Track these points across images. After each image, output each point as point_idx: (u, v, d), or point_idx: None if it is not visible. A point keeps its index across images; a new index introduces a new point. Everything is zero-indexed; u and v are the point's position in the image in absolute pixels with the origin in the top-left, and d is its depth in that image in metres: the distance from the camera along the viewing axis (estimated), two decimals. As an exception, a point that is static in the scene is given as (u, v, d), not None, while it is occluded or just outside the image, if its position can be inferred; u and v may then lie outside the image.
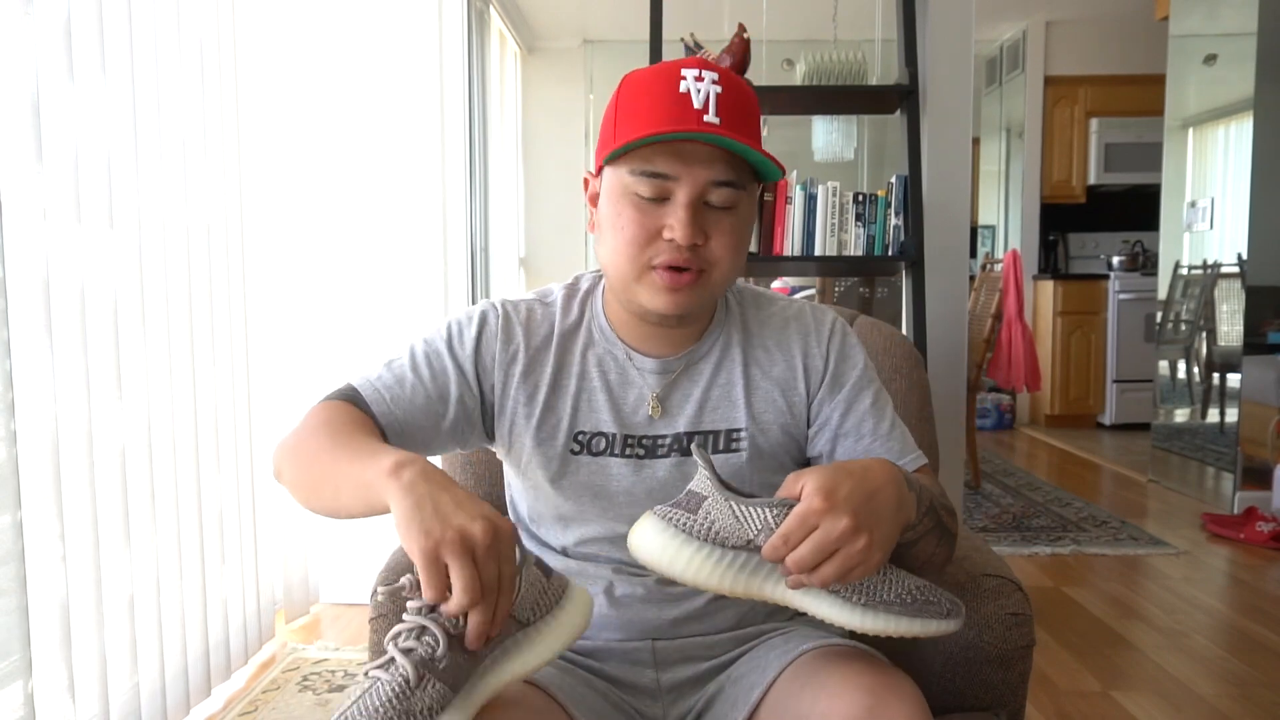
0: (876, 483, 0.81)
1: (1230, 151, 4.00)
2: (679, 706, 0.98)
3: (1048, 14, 5.71)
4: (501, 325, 1.01)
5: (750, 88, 0.95)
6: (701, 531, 0.81)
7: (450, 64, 2.73)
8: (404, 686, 0.71)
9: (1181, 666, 2.28)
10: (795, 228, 2.48)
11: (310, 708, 2.03)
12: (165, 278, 1.91)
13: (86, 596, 1.63)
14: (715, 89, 0.89)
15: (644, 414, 1.00)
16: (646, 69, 0.95)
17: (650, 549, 0.83)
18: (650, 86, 0.91)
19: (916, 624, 0.82)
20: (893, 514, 0.81)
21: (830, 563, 0.78)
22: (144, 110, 1.83)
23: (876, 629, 0.82)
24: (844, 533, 0.77)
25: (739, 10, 4.41)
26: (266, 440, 2.39)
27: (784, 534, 0.78)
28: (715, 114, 0.89)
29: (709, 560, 0.81)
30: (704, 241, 0.92)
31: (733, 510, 0.81)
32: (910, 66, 2.50)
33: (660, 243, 0.92)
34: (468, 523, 0.72)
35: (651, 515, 0.84)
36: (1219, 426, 4.05)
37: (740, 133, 0.89)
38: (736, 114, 0.90)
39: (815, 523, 0.78)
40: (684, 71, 0.90)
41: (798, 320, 1.06)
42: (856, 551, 0.77)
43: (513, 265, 5.24)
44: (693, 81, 0.89)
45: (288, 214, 2.51)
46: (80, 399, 1.62)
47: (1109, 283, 5.55)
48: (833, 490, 0.78)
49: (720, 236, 0.92)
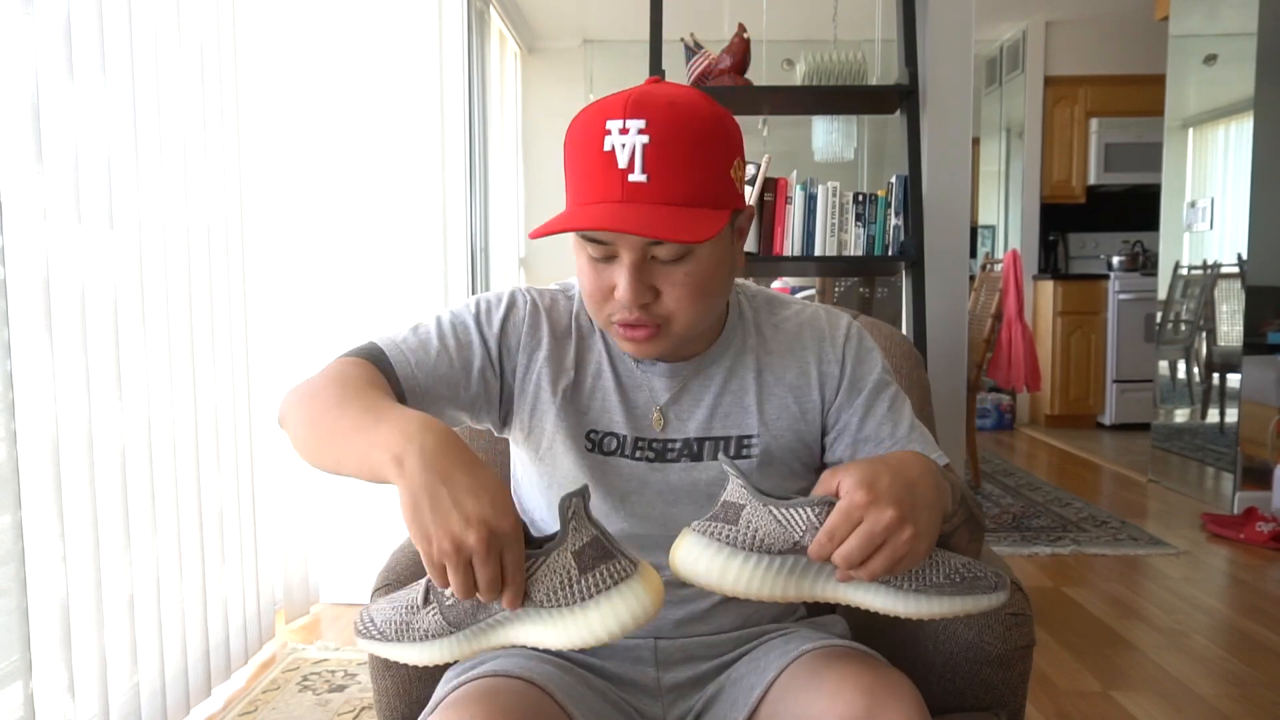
0: (914, 473, 0.81)
1: (1230, 151, 4.01)
2: (679, 706, 0.98)
3: (1048, 14, 5.72)
4: (529, 311, 1.01)
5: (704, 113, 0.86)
6: (746, 541, 0.80)
7: (450, 64, 2.74)
8: (412, 604, 0.82)
9: (1181, 666, 2.28)
10: (795, 228, 2.48)
11: (310, 708, 2.03)
12: (165, 278, 1.91)
13: (86, 596, 1.63)
14: (641, 140, 0.83)
15: (648, 422, 0.99)
16: (582, 114, 0.89)
17: (697, 567, 0.81)
18: (579, 141, 0.87)
19: (969, 601, 0.81)
20: (933, 503, 0.80)
21: (879, 555, 0.77)
22: (144, 110, 1.83)
23: (933, 613, 0.81)
24: (890, 524, 0.76)
25: (739, 10, 4.41)
26: (266, 440, 2.39)
27: (829, 530, 0.77)
28: (642, 170, 0.83)
29: (759, 569, 0.80)
30: (654, 298, 0.89)
31: (774, 515, 0.79)
32: (910, 66, 2.50)
33: (614, 300, 0.89)
34: (461, 532, 0.71)
35: (691, 533, 0.82)
36: (1219, 426, 4.05)
37: (671, 187, 0.83)
38: (670, 164, 0.84)
39: (860, 516, 0.76)
40: (609, 124, 0.84)
41: (812, 325, 1.04)
42: (903, 542, 0.76)
43: (513, 265, 5.25)
44: (617, 135, 0.84)
45: (288, 214, 2.51)
46: (80, 399, 1.62)
47: (1109, 283, 5.55)
48: (873, 482, 0.77)
49: (672, 289, 0.88)
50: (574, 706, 0.88)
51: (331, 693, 2.10)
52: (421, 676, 1.06)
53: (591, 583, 0.77)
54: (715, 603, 1.00)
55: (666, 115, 0.84)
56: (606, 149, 0.84)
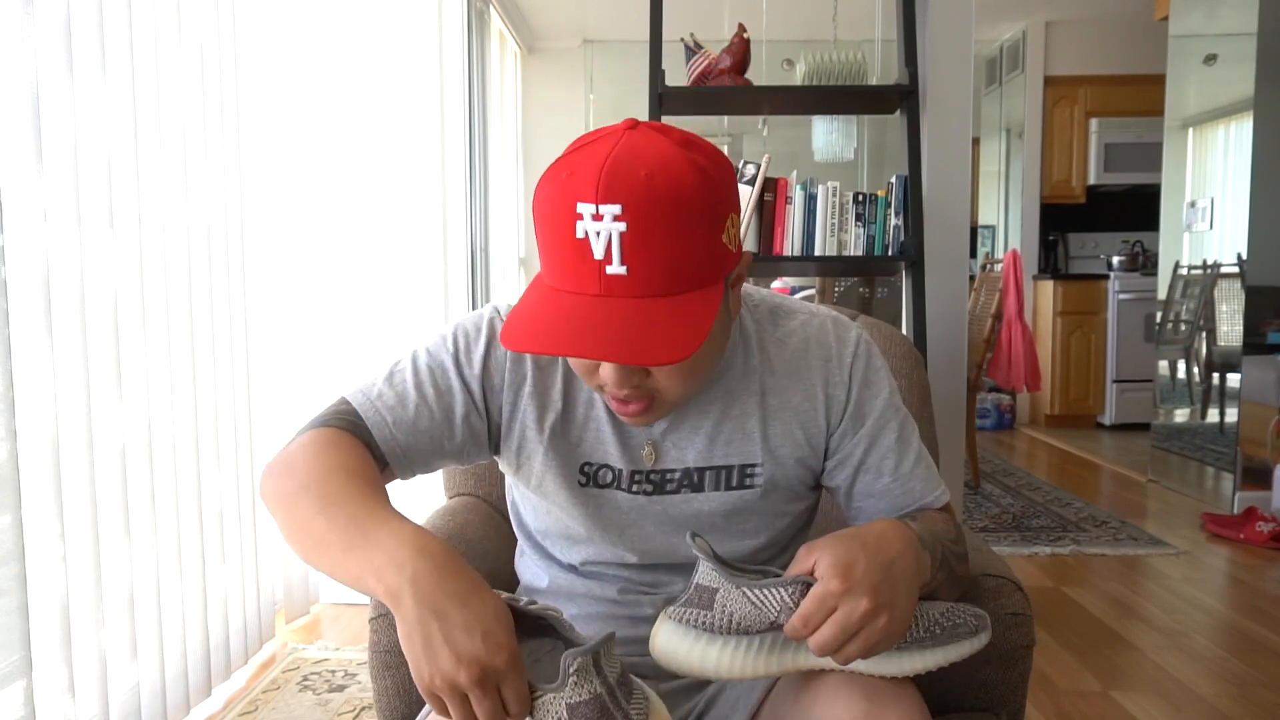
0: (892, 552, 0.80)
1: (1230, 151, 4.01)
2: (677, 710, 0.98)
3: (1048, 14, 5.72)
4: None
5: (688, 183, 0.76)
6: (722, 626, 0.80)
7: (450, 64, 2.74)
8: None
9: (1181, 666, 2.28)
10: (795, 228, 2.48)
11: (310, 708, 2.03)
12: (165, 278, 1.91)
13: (87, 596, 1.63)
14: (617, 228, 0.74)
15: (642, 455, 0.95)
16: (546, 185, 0.79)
17: (676, 656, 0.81)
18: (549, 219, 0.78)
19: (951, 651, 0.83)
20: (910, 581, 0.80)
21: (854, 642, 0.77)
22: (144, 110, 1.84)
23: (916, 669, 0.82)
24: (865, 614, 0.76)
25: (739, 10, 4.41)
26: (266, 440, 2.39)
27: (804, 616, 0.77)
28: (620, 261, 0.75)
29: (738, 651, 0.80)
30: (644, 377, 0.84)
31: (748, 597, 0.80)
32: (910, 66, 2.50)
33: (599, 376, 0.85)
34: (453, 671, 0.70)
35: (667, 621, 0.82)
36: (1219, 426, 4.05)
37: (656, 277, 0.76)
38: (652, 252, 0.76)
39: (834, 604, 0.76)
40: (579, 206, 0.75)
41: (819, 342, 0.96)
42: (879, 629, 0.77)
43: (513, 265, 5.24)
44: (590, 221, 0.75)
45: (288, 214, 2.51)
46: (80, 398, 1.62)
47: (1109, 283, 5.55)
48: (849, 568, 0.77)
49: (662, 371, 0.83)
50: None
51: (331, 693, 2.10)
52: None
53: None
54: None
55: (644, 194, 0.75)
56: (579, 235, 0.76)
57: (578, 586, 1.01)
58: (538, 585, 1.06)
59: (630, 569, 0.99)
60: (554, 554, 1.03)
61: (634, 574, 1.00)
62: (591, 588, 1.00)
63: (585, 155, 0.77)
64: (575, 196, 0.76)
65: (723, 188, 0.80)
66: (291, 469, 0.85)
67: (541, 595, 1.05)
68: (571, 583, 1.02)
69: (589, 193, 0.75)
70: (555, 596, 1.03)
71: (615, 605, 1.00)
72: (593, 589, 1.00)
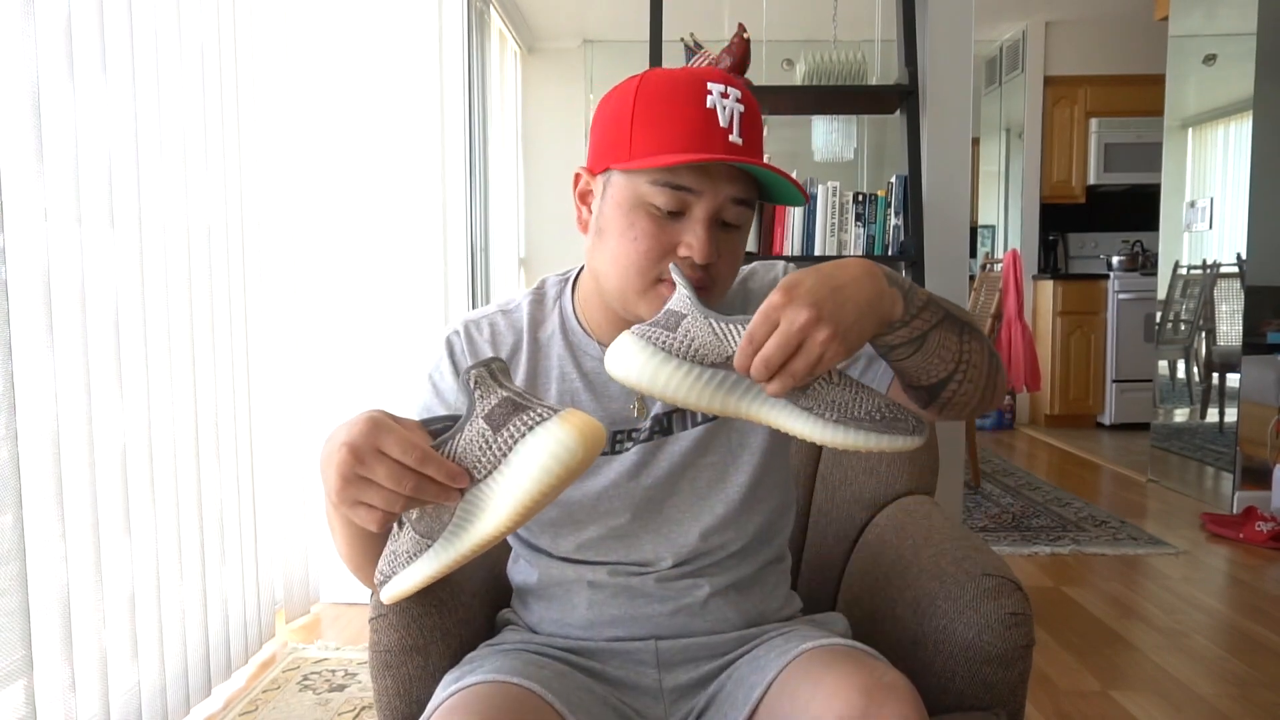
0: (845, 276, 0.79)
1: (1230, 151, 4.01)
2: (681, 707, 0.98)
3: (1047, 14, 5.72)
4: (467, 347, 1.03)
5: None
6: (681, 349, 0.80)
7: (450, 64, 2.74)
8: (393, 536, 0.85)
9: (1181, 666, 2.28)
10: (795, 227, 2.49)
11: (310, 707, 2.03)
12: (165, 278, 1.91)
13: (87, 595, 1.63)
14: (739, 108, 0.89)
15: (627, 414, 1.01)
16: (667, 73, 0.92)
17: (630, 367, 0.81)
18: (674, 95, 0.89)
19: (884, 439, 0.80)
20: (863, 304, 0.79)
21: (797, 356, 0.76)
22: (144, 110, 1.84)
23: (848, 444, 0.80)
24: (805, 324, 0.75)
25: (739, 10, 4.41)
26: (267, 440, 2.39)
27: (749, 335, 0.77)
28: (739, 134, 0.88)
29: (688, 377, 0.80)
30: (716, 259, 0.91)
31: (712, 327, 0.80)
32: (910, 66, 2.50)
33: (671, 258, 0.90)
34: (333, 466, 0.77)
35: (630, 334, 0.82)
36: (1218, 426, 4.05)
37: (758, 155, 0.90)
38: (755, 134, 0.90)
39: (777, 317, 0.76)
40: (710, 85, 0.88)
41: (753, 278, 1.07)
42: (820, 341, 0.76)
43: (513, 265, 5.24)
44: (719, 98, 0.88)
45: (288, 214, 2.51)
46: (81, 398, 1.62)
47: (1109, 283, 5.55)
48: (795, 285, 0.77)
49: (729, 254, 0.93)
50: (572, 712, 0.88)
51: (331, 692, 2.10)
52: (421, 677, 1.06)
53: (506, 438, 0.75)
54: (710, 594, 1.00)
55: (749, 97, 0.91)
56: (709, 106, 0.87)
57: (569, 574, 1.02)
58: (530, 583, 1.07)
59: (617, 546, 1.01)
60: (543, 546, 1.04)
61: (624, 551, 1.01)
62: (583, 573, 1.01)
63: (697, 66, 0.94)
64: (705, 78, 0.89)
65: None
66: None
67: (535, 592, 1.06)
68: (563, 572, 1.02)
69: (718, 77, 0.89)
70: (549, 589, 1.04)
71: (609, 588, 1.01)
72: (584, 574, 1.01)
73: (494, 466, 0.76)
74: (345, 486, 0.77)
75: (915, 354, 0.85)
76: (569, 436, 0.74)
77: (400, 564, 0.83)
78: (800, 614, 1.11)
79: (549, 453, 0.74)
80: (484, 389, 0.77)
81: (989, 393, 0.93)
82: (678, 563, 1.01)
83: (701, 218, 0.89)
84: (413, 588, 0.83)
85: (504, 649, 1.01)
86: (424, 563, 0.82)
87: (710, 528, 1.01)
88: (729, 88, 0.89)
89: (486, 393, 0.77)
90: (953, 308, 0.89)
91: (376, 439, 0.76)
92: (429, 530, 0.81)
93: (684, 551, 1.01)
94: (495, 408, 0.76)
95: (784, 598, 1.09)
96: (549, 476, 0.74)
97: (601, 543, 1.01)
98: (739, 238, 0.93)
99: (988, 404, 0.94)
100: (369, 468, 0.76)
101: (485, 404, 0.77)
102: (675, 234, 0.90)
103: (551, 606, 1.04)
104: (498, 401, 0.76)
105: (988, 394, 0.93)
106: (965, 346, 0.88)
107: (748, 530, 1.04)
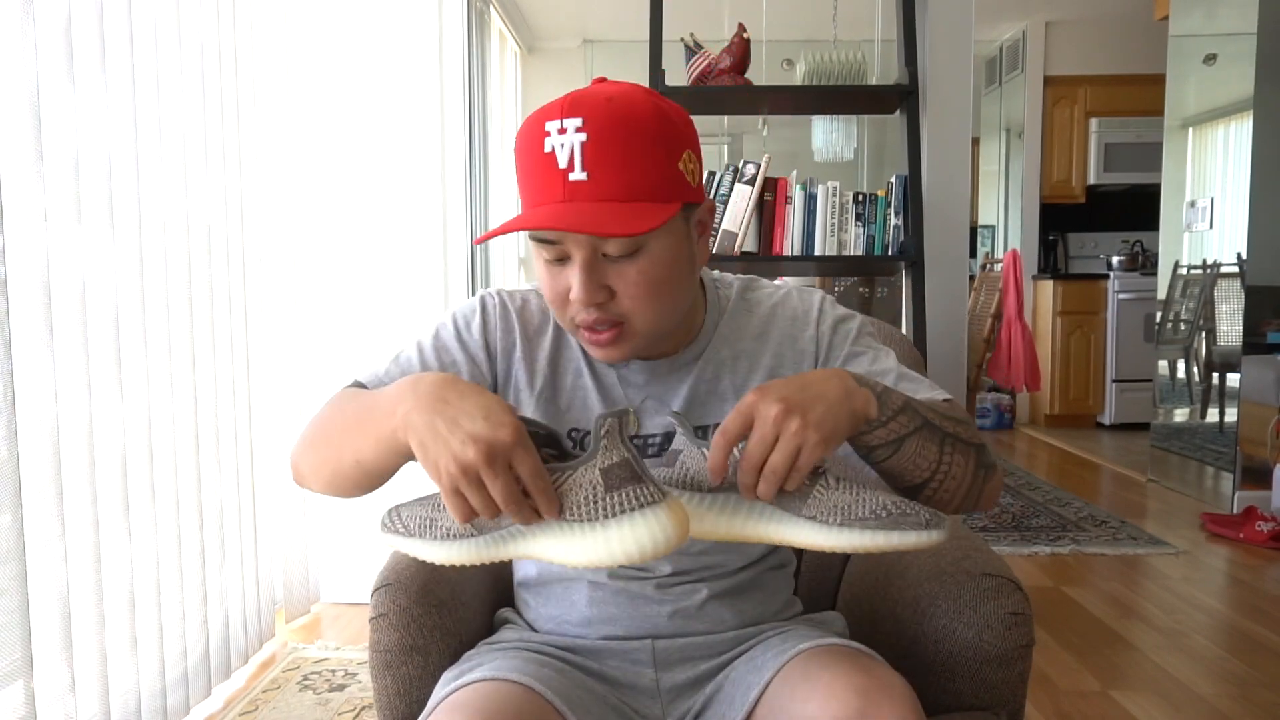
0: (812, 376, 0.83)
1: (1230, 151, 4.01)
2: (678, 707, 0.98)
3: (1047, 14, 5.72)
4: (500, 314, 1.02)
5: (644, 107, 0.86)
6: (680, 479, 0.84)
7: (450, 64, 2.74)
8: (439, 502, 0.82)
9: (1181, 666, 2.28)
10: (795, 227, 2.49)
11: (310, 707, 2.03)
12: (165, 278, 1.91)
13: (87, 595, 1.63)
14: (579, 139, 0.84)
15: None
16: (529, 119, 0.89)
17: None
18: (523, 145, 0.88)
19: (895, 536, 0.81)
20: (834, 399, 0.81)
21: (775, 451, 0.78)
22: (144, 110, 1.84)
23: (856, 545, 0.81)
24: (777, 417, 0.78)
25: (739, 10, 4.41)
26: (267, 440, 2.39)
27: (722, 429, 0.80)
28: (581, 168, 0.84)
29: (690, 502, 0.83)
30: (609, 297, 0.89)
31: (704, 454, 0.83)
32: (910, 66, 2.50)
33: (573, 302, 0.89)
34: (461, 451, 0.74)
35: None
36: (1218, 426, 4.05)
37: (612, 183, 0.84)
38: (609, 160, 0.84)
39: (749, 413, 0.79)
40: (547, 125, 0.85)
41: (784, 305, 1.04)
42: (793, 433, 0.77)
43: (512, 265, 5.25)
44: (555, 136, 0.84)
45: (288, 214, 2.52)
46: (81, 398, 1.62)
47: (1109, 282, 5.55)
48: (766, 388, 0.81)
49: (627, 287, 0.88)
50: (571, 710, 0.88)
51: (331, 692, 2.10)
52: (421, 676, 1.06)
53: (616, 502, 0.77)
54: (708, 598, 1.00)
55: (603, 111, 0.84)
56: (546, 150, 0.85)
57: (570, 571, 1.02)
58: (530, 577, 1.06)
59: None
60: None
61: None
62: (584, 572, 1.01)
63: (559, 97, 0.88)
64: (544, 118, 0.86)
65: (680, 125, 0.89)
66: (308, 428, 0.94)
67: (534, 586, 1.06)
68: (563, 569, 1.02)
69: (555, 112, 0.85)
70: (548, 585, 1.04)
71: (609, 588, 1.00)
72: (585, 574, 1.01)
73: (590, 518, 0.78)
74: (463, 476, 0.74)
75: (893, 457, 0.87)
76: (671, 528, 0.77)
77: (431, 534, 0.83)
78: (800, 615, 1.11)
79: (649, 535, 0.77)
80: (610, 440, 0.78)
81: (969, 501, 0.93)
82: (677, 570, 1.01)
83: (578, 262, 0.87)
84: (428, 559, 0.83)
85: (503, 647, 1.01)
86: (458, 547, 0.82)
87: (709, 547, 1.01)
88: (567, 120, 0.84)
89: (612, 445, 0.78)
90: (938, 418, 0.89)
91: (513, 453, 0.75)
92: (481, 523, 0.81)
93: (684, 563, 1.01)
94: (615, 466, 0.78)
95: (784, 601, 1.09)
96: (636, 554, 0.77)
97: None
98: (642, 265, 0.88)
99: (970, 509, 0.95)
100: (494, 475, 0.74)
101: (607, 458, 0.78)
102: (565, 279, 0.89)
103: (550, 602, 1.04)
104: (618, 461, 0.78)
105: (968, 501, 0.93)
106: (946, 457, 0.89)
107: (753, 550, 1.04)
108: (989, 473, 0.94)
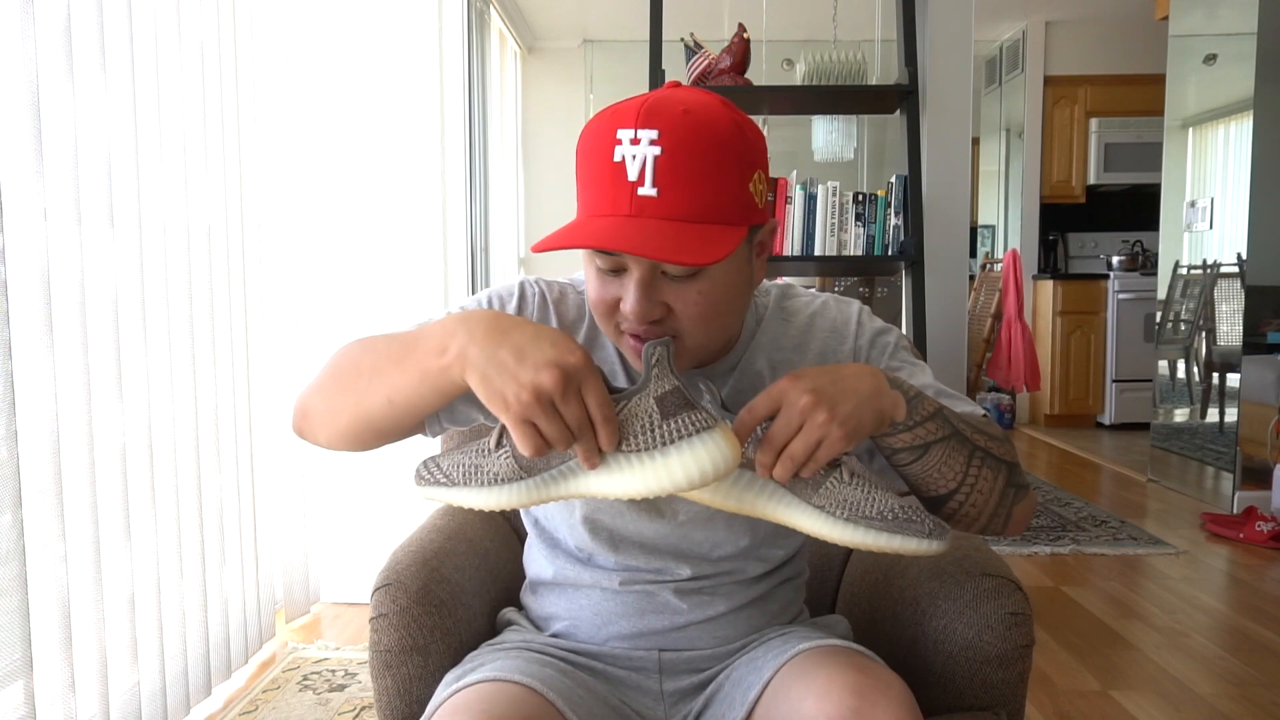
0: (847, 370, 0.83)
1: (1230, 151, 4.01)
2: (680, 709, 0.99)
3: (1047, 14, 5.72)
4: (538, 304, 0.99)
5: (723, 122, 0.82)
6: None
7: (450, 64, 2.74)
8: (484, 448, 0.82)
9: (1181, 666, 2.28)
10: (795, 227, 2.49)
11: (310, 707, 2.03)
12: (165, 278, 1.91)
13: (87, 596, 1.63)
14: (653, 151, 0.79)
15: None
16: (595, 119, 0.84)
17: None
18: (589, 148, 0.83)
19: (897, 540, 0.82)
20: (864, 396, 0.81)
21: (798, 438, 0.78)
22: (144, 110, 1.84)
23: (858, 542, 0.82)
24: (805, 406, 0.78)
25: (739, 10, 4.42)
26: (267, 440, 2.39)
27: (749, 407, 0.80)
28: (652, 184, 0.79)
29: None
30: (665, 314, 0.85)
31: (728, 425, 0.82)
32: (910, 66, 2.50)
33: (621, 312, 0.86)
34: (534, 377, 0.73)
35: None
36: (1218, 426, 4.05)
37: (683, 202, 0.79)
38: (682, 178, 0.79)
39: (779, 398, 0.79)
40: (619, 132, 0.80)
41: (823, 315, 1.02)
42: (819, 425, 0.78)
43: (513, 265, 5.25)
44: (628, 145, 0.79)
45: (288, 214, 2.51)
46: (81, 398, 1.62)
47: (1109, 283, 5.55)
48: (799, 375, 0.81)
49: (685, 307, 0.84)
50: (573, 712, 0.88)
51: (331, 692, 2.10)
52: (421, 676, 1.06)
53: (674, 428, 0.77)
54: (724, 613, 1.00)
55: (681, 124, 0.79)
56: (616, 159, 0.80)
57: (584, 578, 1.01)
58: (543, 577, 1.06)
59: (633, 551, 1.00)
60: (560, 539, 1.04)
61: (639, 559, 1.00)
62: (599, 578, 1.00)
63: (630, 99, 0.83)
64: (615, 124, 0.81)
65: (754, 142, 0.84)
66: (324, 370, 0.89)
67: (546, 587, 1.06)
68: (578, 574, 1.02)
69: (629, 119, 0.80)
70: (560, 587, 1.04)
71: (621, 594, 1.00)
72: (600, 579, 1.00)
73: (648, 447, 0.77)
74: (536, 403, 0.73)
75: (916, 462, 0.87)
76: (728, 451, 0.77)
77: (478, 480, 0.81)
78: (802, 618, 1.11)
79: (708, 458, 0.77)
80: (660, 369, 0.78)
81: (996, 520, 0.91)
82: (696, 575, 1.00)
83: (635, 278, 0.83)
84: (476, 506, 0.82)
85: (505, 648, 1.01)
86: (508, 491, 0.81)
87: (732, 554, 1.01)
88: (641, 130, 0.79)
89: (663, 373, 0.78)
90: (970, 430, 0.88)
91: (583, 379, 0.74)
92: (531, 464, 0.80)
93: (704, 568, 1.00)
94: (668, 394, 0.78)
95: (794, 612, 1.09)
96: (695, 478, 0.77)
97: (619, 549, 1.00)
98: (702, 286, 0.84)
99: (997, 530, 0.93)
100: (567, 401, 0.73)
101: (660, 386, 0.78)
102: (618, 290, 0.85)
103: (560, 602, 1.04)
104: (670, 389, 0.78)
105: (995, 521, 0.91)
106: (974, 470, 0.88)
107: (772, 559, 1.04)
108: (1019, 494, 0.92)
